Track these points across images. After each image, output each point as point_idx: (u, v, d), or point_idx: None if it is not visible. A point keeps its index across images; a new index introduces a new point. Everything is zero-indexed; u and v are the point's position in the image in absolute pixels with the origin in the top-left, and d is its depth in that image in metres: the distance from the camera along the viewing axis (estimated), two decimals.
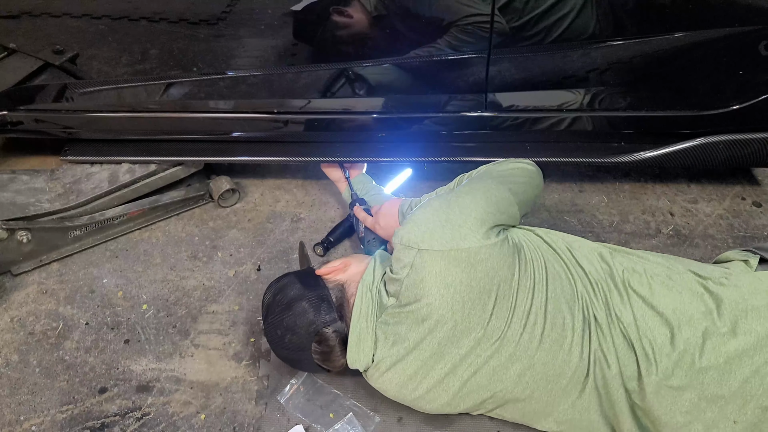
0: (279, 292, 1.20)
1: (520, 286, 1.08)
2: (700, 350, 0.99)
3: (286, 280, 1.23)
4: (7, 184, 1.61)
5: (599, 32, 1.41)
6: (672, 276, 1.10)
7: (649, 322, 1.04)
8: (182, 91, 1.61)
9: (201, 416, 1.29)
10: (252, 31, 1.50)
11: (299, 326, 1.15)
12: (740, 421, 0.98)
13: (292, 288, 1.19)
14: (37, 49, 1.57)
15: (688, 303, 1.05)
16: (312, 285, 1.19)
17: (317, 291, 1.18)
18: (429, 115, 1.62)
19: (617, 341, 1.05)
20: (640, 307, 1.06)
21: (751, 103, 1.48)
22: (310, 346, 1.15)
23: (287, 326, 1.15)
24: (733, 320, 1.01)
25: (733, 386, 0.98)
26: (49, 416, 1.29)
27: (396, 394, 1.15)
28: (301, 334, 1.15)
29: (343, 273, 1.22)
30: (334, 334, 1.14)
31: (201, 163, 1.72)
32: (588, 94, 1.54)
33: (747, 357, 0.98)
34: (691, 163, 1.59)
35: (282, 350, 1.20)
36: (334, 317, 1.15)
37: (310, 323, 1.14)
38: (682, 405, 1.00)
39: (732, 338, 0.99)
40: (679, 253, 1.61)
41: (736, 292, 1.04)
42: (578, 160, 1.64)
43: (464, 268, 1.05)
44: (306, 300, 1.16)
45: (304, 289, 1.18)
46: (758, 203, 1.76)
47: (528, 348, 1.06)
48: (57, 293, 1.54)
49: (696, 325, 1.01)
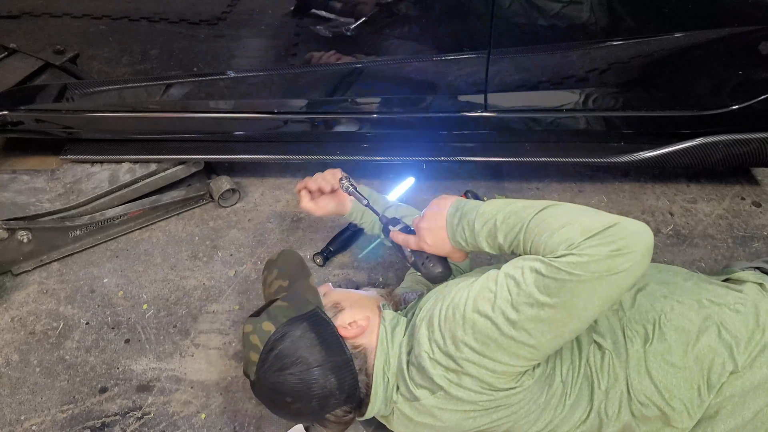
0: (294, 350, 0.99)
1: (543, 416, 1.00)
2: (718, 389, 0.98)
3: (300, 331, 1.01)
4: (8, 184, 1.61)
5: (594, 22, 1.40)
6: (685, 313, 1.03)
7: (672, 380, 0.99)
8: (182, 91, 1.61)
9: (201, 416, 1.29)
10: (252, 31, 1.50)
11: (317, 398, 0.99)
12: None
13: (312, 350, 1.00)
14: (38, 49, 1.57)
15: (707, 351, 1.00)
16: (337, 351, 1.01)
17: (343, 361, 1.01)
18: (429, 114, 1.61)
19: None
20: (661, 377, 1.00)
21: (751, 103, 1.48)
22: (322, 417, 1.03)
23: (302, 395, 0.99)
24: (752, 355, 0.99)
25: (747, 416, 0.98)
26: (50, 416, 1.29)
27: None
28: (315, 407, 1.00)
29: (363, 335, 1.05)
30: (351, 411, 1.04)
31: (201, 161, 1.72)
32: (588, 94, 1.54)
33: (762, 390, 0.97)
34: (691, 163, 1.59)
35: (281, 411, 1.06)
36: (359, 396, 1.02)
37: (330, 398, 0.99)
38: None
39: (748, 372, 0.98)
40: (679, 253, 1.61)
41: (752, 321, 1.01)
42: (578, 160, 1.65)
43: (485, 413, 0.97)
44: (330, 369, 0.99)
45: (327, 355, 1.00)
46: (758, 203, 1.76)
47: None
48: (57, 293, 1.54)
49: (720, 370, 0.98)
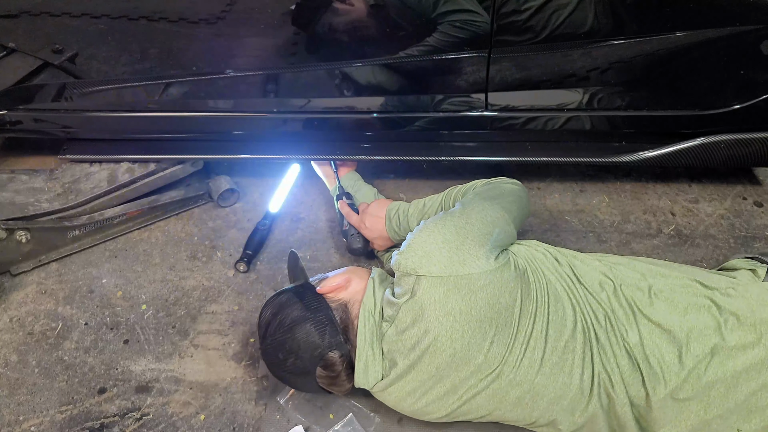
0: (279, 312, 1.13)
1: (522, 312, 1.05)
2: (707, 365, 0.99)
3: (285, 297, 1.16)
4: (6, 184, 1.61)
5: (598, 28, 1.40)
6: (676, 290, 1.08)
7: (656, 340, 1.02)
8: (181, 90, 1.61)
9: (200, 417, 1.28)
10: (252, 31, 1.50)
11: (303, 350, 1.09)
12: (745, 429, 0.97)
13: (293, 308, 1.13)
14: (37, 48, 1.56)
15: (695, 318, 1.03)
16: (314, 305, 1.13)
17: (321, 312, 1.12)
18: (429, 114, 1.61)
19: (621, 362, 1.03)
20: (645, 325, 1.04)
21: (752, 103, 1.47)
22: (314, 370, 1.10)
23: (290, 349, 1.10)
24: (742, 335, 0.99)
25: (739, 399, 0.97)
26: (48, 417, 1.28)
27: (395, 406, 1.15)
28: (305, 358, 1.09)
29: (345, 291, 1.17)
30: (340, 358, 1.10)
31: (200, 161, 1.71)
32: (589, 93, 1.54)
33: (755, 371, 0.97)
34: (693, 162, 1.58)
35: (283, 373, 1.15)
36: (340, 341, 1.10)
37: (315, 347, 1.09)
38: (687, 417, 0.99)
39: (740, 353, 0.98)
40: (681, 253, 1.61)
41: (744, 304, 1.03)
42: (579, 160, 1.64)
43: (464, 296, 1.02)
44: (310, 322, 1.10)
45: (306, 309, 1.12)
46: (759, 203, 1.75)
47: (528, 373, 1.04)
48: (56, 293, 1.54)
49: (704, 341, 1.00)
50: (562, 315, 1.07)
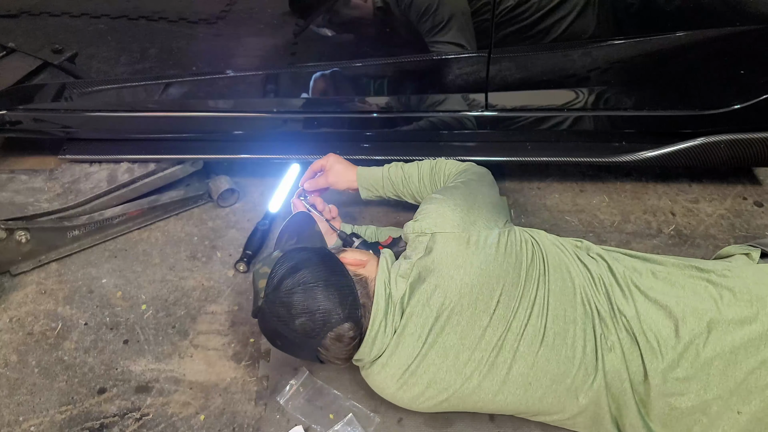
0: (301, 267, 1.06)
1: (528, 276, 1.08)
2: (705, 341, 0.99)
3: (305, 255, 1.10)
4: (6, 184, 1.61)
5: (600, 34, 1.41)
6: (672, 271, 1.10)
7: (653, 315, 1.04)
8: (181, 90, 1.61)
9: (200, 417, 1.28)
10: (251, 30, 1.50)
11: (321, 312, 1.03)
12: (744, 411, 0.97)
13: (318, 267, 1.07)
14: (36, 48, 1.56)
15: (692, 294, 1.04)
16: (339, 272, 1.08)
17: (345, 280, 1.07)
18: (429, 114, 1.61)
19: (621, 335, 1.04)
20: (642, 302, 1.06)
21: (753, 103, 1.47)
22: (321, 335, 1.04)
23: (305, 308, 1.03)
24: (739, 310, 1.00)
25: (738, 377, 0.97)
26: (48, 417, 1.28)
27: (394, 395, 1.12)
28: (318, 321, 1.03)
29: (363, 268, 1.13)
30: (353, 331, 1.05)
31: (200, 161, 1.71)
32: (589, 93, 1.54)
33: (753, 347, 0.97)
34: (693, 162, 1.58)
35: (284, 330, 1.06)
36: (358, 315, 1.05)
37: (332, 313, 1.03)
38: (687, 397, 0.99)
39: (738, 328, 0.98)
40: (681, 253, 1.60)
41: (739, 283, 1.04)
42: (579, 160, 1.64)
43: (475, 251, 1.06)
44: (334, 287, 1.05)
45: (330, 273, 1.07)
46: (760, 203, 1.75)
47: (532, 344, 1.04)
48: (56, 293, 1.54)
49: (701, 315, 1.01)
50: (563, 285, 1.09)
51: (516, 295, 1.06)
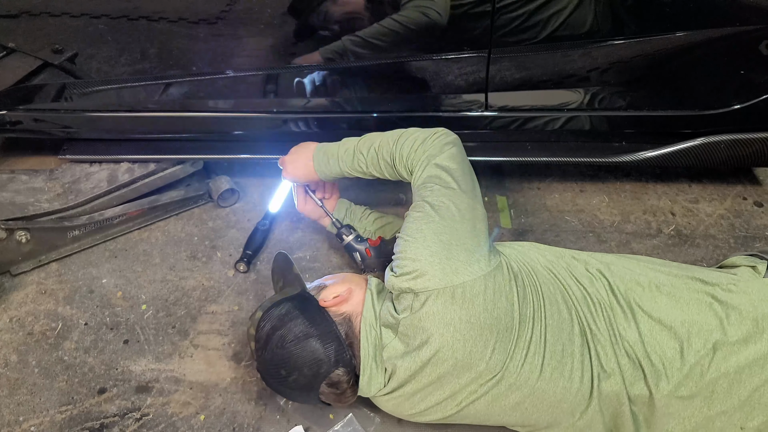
0: (280, 325, 1.09)
1: (522, 317, 1.03)
2: (710, 361, 0.98)
3: (285, 309, 1.11)
4: (6, 184, 1.61)
5: (597, 29, 1.40)
6: (676, 285, 1.08)
7: (657, 337, 1.02)
8: (181, 90, 1.61)
9: (200, 417, 1.28)
10: (251, 30, 1.49)
11: (308, 367, 1.06)
12: (748, 427, 0.97)
13: (296, 322, 1.08)
14: (36, 48, 1.56)
15: (696, 313, 1.03)
16: (319, 320, 1.09)
17: (325, 327, 1.08)
18: (429, 114, 1.61)
19: (622, 361, 1.02)
20: (645, 322, 1.04)
21: (753, 103, 1.47)
22: (318, 386, 1.08)
23: (294, 366, 1.06)
24: (744, 329, 0.99)
25: (742, 395, 0.97)
26: (48, 417, 1.28)
27: (392, 411, 1.15)
28: (308, 375, 1.06)
29: (347, 303, 1.13)
30: (346, 375, 1.08)
31: (200, 161, 1.72)
32: (589, 93, 1.54)
33: (758, 367, 0.97)
34: (693, 162, 1.58)
35: (283, 388, 1.12)
36: (346, 357, 1.07)
37: (320, 365, 1.06)
38: (691, 414, 0.99)
39: (743, 348, 0.98)
40: (681, 253, 1.60)
41: (745, 300, 1.02)
42: (579, 160, 1.64)
43: (462, 305, 1.01)
44: (315, 339, 1.06)
45: (310, 324, 1.08)
46: (759, 203, 1.75)
47: (529, 378, 1.03)
48: (56, 293, 1.54)
49: (706, 336, 1.00)
50: (559, 318, 1.06)
51: (511, 339, 1.02)
